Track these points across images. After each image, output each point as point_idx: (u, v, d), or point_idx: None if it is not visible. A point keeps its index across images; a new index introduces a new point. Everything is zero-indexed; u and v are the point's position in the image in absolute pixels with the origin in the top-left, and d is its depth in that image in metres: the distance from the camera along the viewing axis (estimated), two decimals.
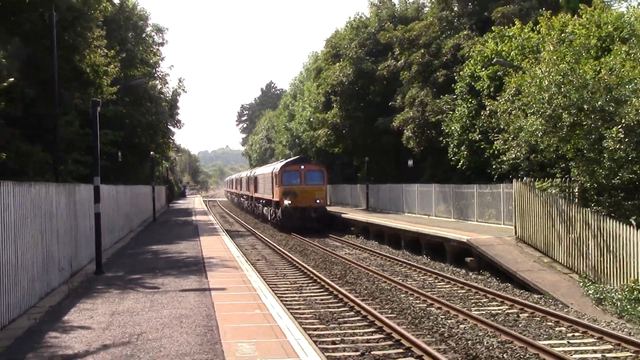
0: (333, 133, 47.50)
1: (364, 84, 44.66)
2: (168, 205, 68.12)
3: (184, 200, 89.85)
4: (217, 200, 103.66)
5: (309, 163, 39.79)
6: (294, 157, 51.56)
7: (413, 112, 35.97)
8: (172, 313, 11.48)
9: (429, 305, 15.41)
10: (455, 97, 31.33)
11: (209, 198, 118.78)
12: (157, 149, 43.67)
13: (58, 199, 14.57)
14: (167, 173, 76.40)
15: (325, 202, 38.18)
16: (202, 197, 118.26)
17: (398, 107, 38.84)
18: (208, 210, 58.35)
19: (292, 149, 70.70)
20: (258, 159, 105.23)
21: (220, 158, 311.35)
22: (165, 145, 49.27)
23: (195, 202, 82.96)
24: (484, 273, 20.03)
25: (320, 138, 49.61)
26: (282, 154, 74.77)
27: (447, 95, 32.83)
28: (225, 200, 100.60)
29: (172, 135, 51.92)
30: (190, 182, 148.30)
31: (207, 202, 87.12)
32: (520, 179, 21.89)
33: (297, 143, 69.00)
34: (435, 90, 34.93)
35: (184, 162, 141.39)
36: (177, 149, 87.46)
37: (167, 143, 49.25)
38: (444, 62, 34.87)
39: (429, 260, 24.12)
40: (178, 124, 51.76)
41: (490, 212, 26.82)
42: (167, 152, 56.94)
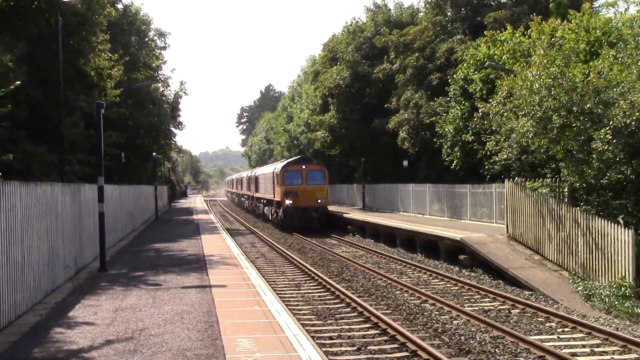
0: (330, 134, 47.45)
1: (361, 87, 44.63)
2: (170, 205, 68.09)
3: (186, 200, 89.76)
4: (217, 200, 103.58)
5: (310, 163, 38.59)
6: (295, 157, 49.73)
7: (408, 114, 36.00)
8: (173, 309, 11.49)
9: (424, 302, 15.43)
10: (449, 99, 31.36)
11: (210, 198, 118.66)
12: (159, 150, 43.66)
13: (63, 199, 14.56)
14: (169, 173, 76.34)
15: (327, 202, 37.32)
16: (203, 196, 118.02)
17: (393, 109, 38.85)
18: (209, 210, 58.28)
19: (290, 150, 70.71)
20: (257, 160, 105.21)
21: (221, 159, 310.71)
22: (167, 147, 49.27)
23: (197, 201, 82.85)
24: (477, 270, 20.04)
25: (318, 139, 49.56)
26: (280, 155, 74.74)
27: (440, 98, 32.84)
28: (226, 200, 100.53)
29: (173, 137, 52.08)
30: (192, 182, 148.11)
31: (208, 201, 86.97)
32: (512, 179, 21.92)
33: (295, 144, 68.99)
34: (430, 93, 34.95)
35: (186, 162, 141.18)
36: (178, 150, 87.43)
37: (169, 144, 49.24)
38: (438, 65, 34.90)
39: (424, 258, 24.13)
40: (180, 126, 51.91)
41: (483, 211, 26.84)
42: (169, 153, 56.87)
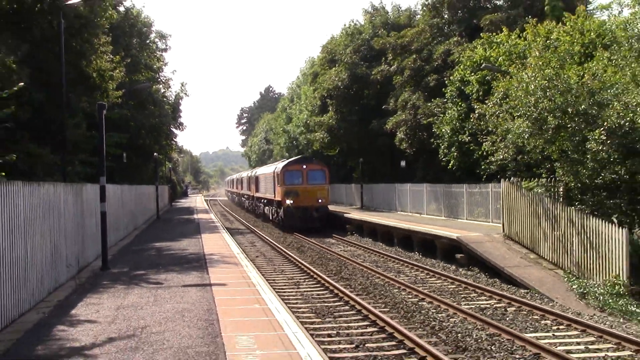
0: (329, 135, 47.39)
1: (359, 88, 44.61)
2: (171, 204, 68.05)
3: (186, 199, 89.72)
4: (217, 200, 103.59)
5: (311, 162, 37.64)
6: (296, 156, 48.62)
7: (405, 114, 36.01)
8: (174, 307, 11.50)
9: (421, 300, 15.45)
10: (446, 100, 31.38)
11: (210, 197, 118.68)
12: (160, 151, 43.63)
13: (66, 198, 14.56)
14: (170, 173, 76.30)
15: (328, 201, 36.65)
16: (203, 196, 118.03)
17: (391, 110, 38.85)
18: (209, 209, 58.23)
19: (289, 151, 70.67)
20: (257, 160, 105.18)
21: (221, 159, 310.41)
22: (168, 147, 49.23)
23: (197, 201, 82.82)
24: (473, 269, 20.05)
25: (317, 140, 49.53)
26: (280, 155, 74.70)
27: (437, 99, 32.87)
28: (226, 200, 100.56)
29: (174, 137, 51.95)
30: (192, 182, 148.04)
31: (208, 201, 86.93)
32: (508, 179, 21.93)
33: (294, 145, 68.96)
34: (427, 94, 34.97)
35: (186, 162, 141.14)
36: (179, 150, 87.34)
37: (170, 145, 49.18)
38: (435, 67, 34.91)
39: (421, 257, 24.14)
40: (180, 127, 51.80)
41: (479, 210, 26.86)
42: (170, 153, 56.84)
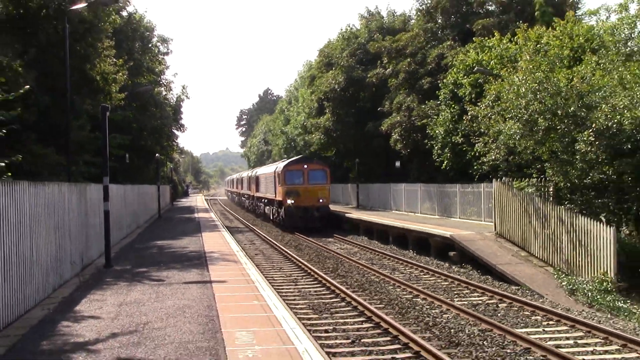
0: (326, 137, 47.39)
1: (355, 91, 44.63)
2: (172, 204, 67.97)
3: (187, 199, 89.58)
4: (218, 199, 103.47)
5: (312, 162, 36.68)
6: (295, 157, 47.14)
7: (400, 116, 36.04)
8: (175, 304, 11.48)
9: (415, 296, 15.46)
10: (439, 102, 31.42)
11: (211, 197, 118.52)
12: (161, 151, 43.55)
13: (70, 198, 14.54)
14: (171, 173, 76.23)
15: (329, 201, 35.59)
16: (204, 196, 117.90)
17: (386, 112, 38.86)
18: (209, 208, 58.17)
19: (287, 152, 70.63)
20: (256, 160, 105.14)
21: (221, 159, 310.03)
22: (170, 148, 49.14)
23: (198, 200, 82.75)
24: (466, 266, 20.08)
25: (314, 142, 49.52)
26: (278, 156, 74.66)
27: (431, 101, 32.91)
28: (226, 199, 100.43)
29: (175, 138, 51.85)
30: (193, 181, 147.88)
31: (208, 200, 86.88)
32: (500, 179, 21.97)
33: (292, 146, 68.92)
34: (421, 97, 35.00)
35: (187, 163, 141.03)
36: (180, 151, 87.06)
37: (171, 145, 49.11)
38: (429, 70, 34.95)
39: (415, 255, 24.17)
40: (181, 128, 51.70)
41: (472, 209, 26.88)
42: (171, 154, 56.71)
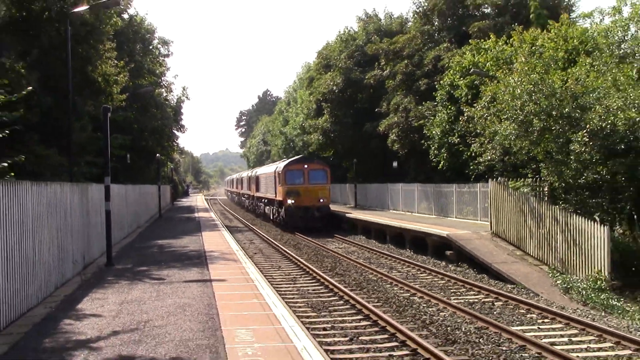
0: (324, 137, 47.39)
1: (353, 92, 44.62)
2: (173, 203, 67.93)
3: (187, 199, 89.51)
4: (217, 199, 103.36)
5: (313, 162, 36.06)
6: (296, 156, 45.95)
7: (397, 117, 36.06)
8: (176, 302, 11.48)
9: (412, 295, 15.46)
10: (436, 103, 31.46)
11: (210, 196, 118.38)
12: (162, 152, 43.52)
13: (72, 198, 14.54)
14: (171, 173, 76.15)
15: (329, 201, 34.91)
16: (204, 195, 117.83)
17: (384, 113, 38.88)
18: (209, 208, 58.12)
19: (286, 152, 70.62)
20: (255, 161, 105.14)
21: (221, 159, 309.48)
22: (170, 148, 49.07)
23: (198, 200, 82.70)
24: (462, 265, 20.10)
25: (313, 142, 49.50)
26: (277, 156, 74.64)
27: (428, 102, 32.94)
28: (226, 199, 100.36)
29: (176, 139, 51.81)
30: (193, 181, 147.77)
31: (208, 200, 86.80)
32: (495, 179, 22.00)
33: (291, 146, 68.90)
34: (418, 98, 35.03)
35: (187, 163, 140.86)
36: (181, 151, 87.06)
37: (171, 146, 49.04)
38: (426, 72, 34.98)
39: (412, 254, 24.16)
40: (182, 129, 51.63)
41: (468, 209, 26.91)
42: (171, 154, 56.63)
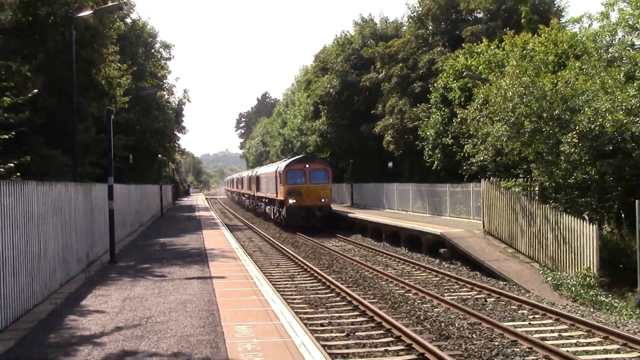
0: (322, 139, 47.40)
1: (349, 95, 44.61)
2: (174, 202, 67.85)
3: (189, 198, 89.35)
4: (218, 198, 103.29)
5: (314, 162, 35.17)
6: (297, 156, 44.44)
7: (393, 119, 36.10)
8: (177, 299, 11.48)
9: (407, 291, 15.49)
10: (430, 106, 31.49)
11: (211, 196, 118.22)
12: (164, 152, 43.51)
13: (76, 197, 14.52)
14: (173, 173, 76.03)
15: (330, 201, 33.97)
16: (204, 195, 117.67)
17: (379, 114, 38.90)
18: (210, 207, 58.05)
19: (285, 153, 70.65)
20: (254, 161, 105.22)
21: (221, 160, 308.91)
22: (172, 149, 49.07)
23: (198, 199, 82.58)
24: (456, 262, 20.12)
25: (311, 143, 49.49)
26: (276, 156, 74.66)
27: (422, 104, 32.96)
28: (226, 198, 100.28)
29: (177, 140, 51.75)
30: (194, 181, 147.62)
31: (209, 199, 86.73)
32: (488, 179, 22.04)
33: (289, 147, 68.92)
34: (413, 100, 35.06)
35: (188, 163, 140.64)
36: (182, 152, 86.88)
37: (173, 147, 49.01)
38: (420, 74, 35.00)
39: (407, 251, 24.19)
40: (183, 130, 51.58)
41: (461, 208, 26.94)
42: (173, 155, 56.63)
